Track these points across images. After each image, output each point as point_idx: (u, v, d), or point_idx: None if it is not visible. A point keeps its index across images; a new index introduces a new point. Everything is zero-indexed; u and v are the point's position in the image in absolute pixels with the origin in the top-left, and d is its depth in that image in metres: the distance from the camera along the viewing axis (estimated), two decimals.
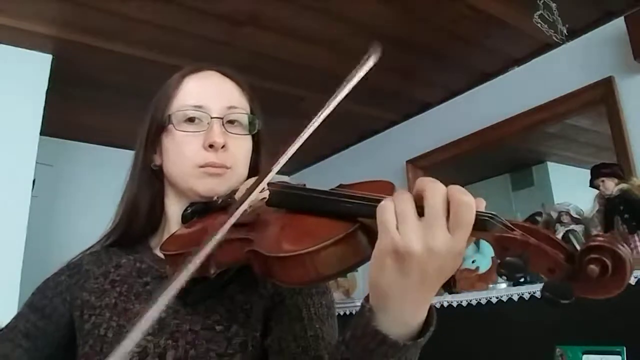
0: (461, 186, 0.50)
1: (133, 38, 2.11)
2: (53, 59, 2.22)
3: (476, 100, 2.65)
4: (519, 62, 2.46)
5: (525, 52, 2.39)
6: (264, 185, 0.60)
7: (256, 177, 0.60)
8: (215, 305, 0.73)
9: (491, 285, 2.12)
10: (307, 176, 3.62)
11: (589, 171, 1.94)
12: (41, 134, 2.20)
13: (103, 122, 2.75)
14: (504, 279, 1.94)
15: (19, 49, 2.16)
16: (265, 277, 0.59)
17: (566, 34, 2.22)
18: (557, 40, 2.26)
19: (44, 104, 2.21)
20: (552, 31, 2.19)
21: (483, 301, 2.08)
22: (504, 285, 2.05)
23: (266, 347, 0.72)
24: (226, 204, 0.74)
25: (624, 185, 1.81)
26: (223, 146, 0.76)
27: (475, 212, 0.48)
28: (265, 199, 0.67)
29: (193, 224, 0.77)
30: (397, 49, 2.28)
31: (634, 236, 1.76)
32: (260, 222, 0.64)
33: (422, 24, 2.14)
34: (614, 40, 2.08)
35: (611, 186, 1.84)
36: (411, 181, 2.84)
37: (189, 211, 0.78)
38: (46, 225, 2.65)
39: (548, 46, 2.32)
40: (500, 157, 2.86)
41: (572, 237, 0.48)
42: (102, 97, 2.54)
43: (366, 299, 0.55)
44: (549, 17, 2.09)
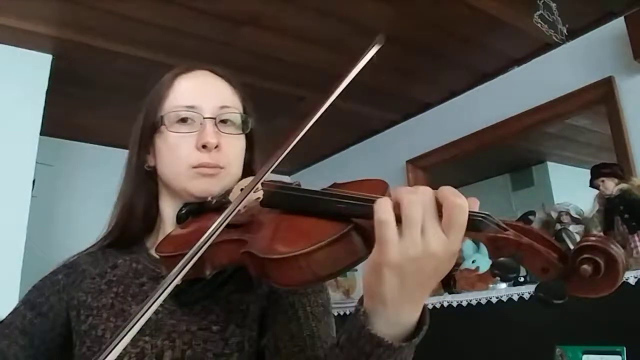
0: (462, 186, 0.50)
1: (133, 38, 2.11)
2: (53, 59, 2.22)
3: (476, 100, 2.65)
4: (519, 62, 2.46)
5: (525, 52, 2.39)
6: (257, 186, 0.60)
7: (252, 178, 0.60)
8: (212, 305, 0.73)
9: (491, 285, 2.12)
10: (307, 176, 3.62)
11: (589, 171, 1.94)
12: (41, 134, 2.20)
13: (103, 122, 2.75)
14: (498, 279, 1.94)
15: (19, 49, 2.16)
16: (261, 279, 0.59)
17: (566, 34, 2.22)
18: (557, 40, 2.26)
19: (44, 104, 2.21)
20: (552, 31, 2.19)
21: (483, 301, 2.07)
22: (504, 285, 2.05)
23: (262, 346, 0.72)
24: (220, 204, 0.74)
25: (624, 185, 1.81)
26: (216, 146, 0.75)
27: (467, 213, 0.48)
28: (259, 199, 0.66)
29: (188, 224, 0.77)
30: (397, 48, 2.28)
31: (634, 236, 1.76)
32: (255, 223, 0.64)
33: (422, 24, 2.14)
34: (614, 40, 2.08)
35: (611, 186, 1.84)
36: (411, 181, 2.84)
37: (183, 212, 0.78)
38: (46, 225, 2.65)
39: (548, 46, 2.32)
40: (500, 157, 2.86)
41: (565, 237, 0.48)
42: (102, 97, 2.54)
43: (360, 301, 0.55)
44: (549, 17, 2.09)
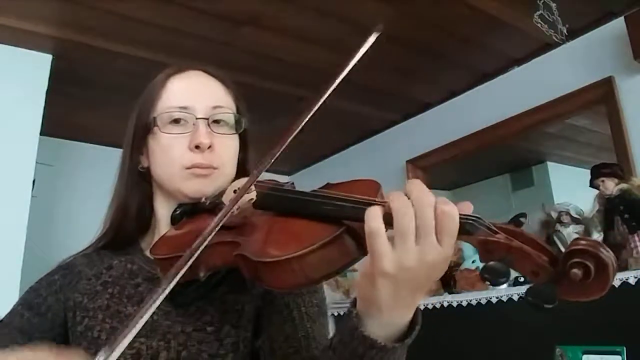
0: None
1: (133, 38, 2.11)
2: (53, 59, 2.22)
3: (476, 100, 2.65)
4: (519, 62, 2.46)
5: (525, 52, 2.39)
6: (251, 187, 0.60)
7: (246, 179, 0.60)
8: (206, 306, 0.73)
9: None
10: (307, 176, 3.62)
11: (589, 171, 1.94)
12: (41, 134, 2.20)
13: (103, 122, 2.75)
14: (488, 283, 1.94)
15: (19, 49, 2.16)
16: (254, 282, 0.58)
17: (566, 34, 2.22)
18: (557, 40, 2.26)
19: (44, 104, 2.21)
20: (552, 31, 2.19)
21: (483, 301, 2.07)
22: (504, 285, 2.05)
23: (257, 347, 0.72)
24: (214, 205, 0.74)
25: (624, 185, 1.81)
26: (209, 147, 0.75)
27: (458, 219, 0.48)
28: (251, 199, 0.66)
29: (182, 225, 0.77)
30: (397, 48, 2.27)
31: (634, 236, 1.75)
32: (248, 225, 0.63)
33: (422, 24, 2.14)
34: (614, 40, 2.08)
35: (611, 186, 1.84)
36: None
37: (177, 212, 0.78)
38: (46, 225, 2.65)
39: (548, 46, 2.32)
40: (500, 157, 2.86)
41: (556, 240, 0.49)
42: (102, 97, 2.53)
43: (353, 304, 0.55)
44: (549, 17, 2.09)
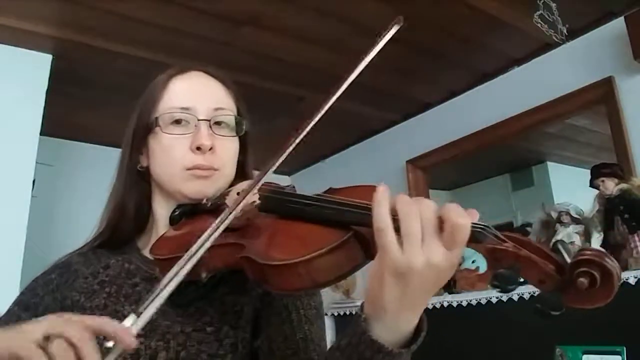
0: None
1: (133, 38, 2.11)
2: (53, 59, 2.22)
3: (476, 100, 2.65)
4: (519, 62, 2.46)
5: (525, 52, 2.39)
6: (256, 190, 0.60)
7: (250, 181, 0.60)
8: (205, 306, 0.73)
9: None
10: (307, 176, 3.62)
11: (589, 171, 1.94)
12: (41, 134, 2.20)
13: (103, 122, 2.75)
14: (498, 290, 1.95)
15: (19, 49, 2.16)
16: (259, 284, 0.59)
17: (566, 34, 2.22)
18: (557, 40, 2.26)
19: (44, 104, 2.21)
20: (552, 31, 2.19)
21: (483, 301, 2.08)
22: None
23: (256, 348, 0.72)
24: (215, 206, 0.74)
25: (624, 185, 1.81)
26: (210, 148, 0.76)
27: (470, 228, 0.49)
28: (255, 202, 0.66)
29: (181, 226, 0.77)
30: (397, 48, 2.27)
31: (634, 236, 1.75)
32: (252, 228, 0.64)
33: (422, 24, 2.14)
34: (614, 40, 2.08)
35: (611, 186, 1.84)
36: (411, 181, 2.84)
37: (176, 213, 0.78)
38: (46, 225, 2.65)
39: (548, 46, 2.32)
40: (500, 157, 2.86)
41: (561, 248, 0.51)
42: (102, 97, 2.53)
43: (361, 308, 0.56)
44: (549, 17, 2.09)
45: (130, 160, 0.82)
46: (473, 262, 2.17)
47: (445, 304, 2.20)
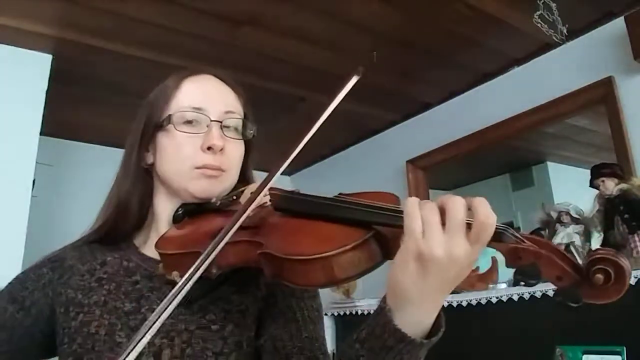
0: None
1: (133, 38, 2.11)
2: (53, 59, 2.22)
3: (476, 100, 2.65)
4: (519, 62, 2.46)
5: (525, 52, 2.39)
6: (267, 189, 0.62)
7: (260, 182, 0.62)
8: (209, 305, 0.74)
9: (491, 285, 2.12)
10: (307, 176, 3.62)
11: (589, 171, 1.94)
12: (41, 134, 2.20)
13: (103, 122, 2.75)
14: (522, 284, 1.95)
15: (19, 49, 2.16)
16: (275, 279, 0.60)
17: (566, 34, 2.22)
18: (557, 40, 2.26)
19: (44, 104, 2.21)
20: (552, 31, 2.19)
21: (483, 301, 2.08)
22: (504, 285, 2.05)
23: (258, 346, 0.73)
24: (225, 206, 0.76)
25: (624, 185, 1.81)
26: (221, 149, 0.77)
27: (494, 228, 0.52)
28: (265, 203, 0.68)
29: (184, 224, 0.78)
30: (397, 49, 2.27)
31: (634, 236, 1.75)
32: (267, 226, 0.65)
33: (422, 24, 2.14)
34: (614, 40, 2.08)
35: (611, 186, 1.84)
36: (411, 181, 2.84)
37: (180, 212, 0.79)
38: (46, 225, 2.65)
39: (548, 46, 2.32)
40: (500, 157, 2.86)
41: (572, 250, 0.54)
42: (102, 97, 2.54)
43: (383, 300, 0.57)
44: (549, 17, 2.09)
45: (138, 157, 0.83)
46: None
47: (446, 304, 2.19)
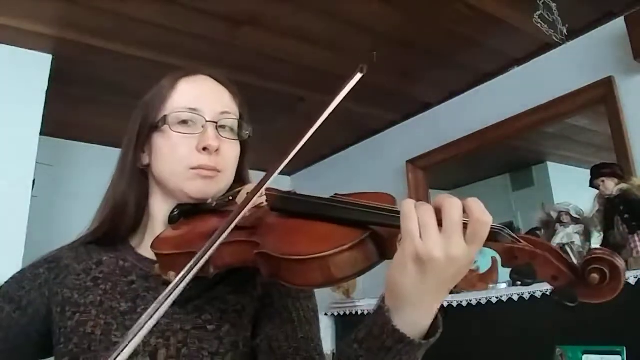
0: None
1: (133, 38, 2.11)
2: (53, 59, 2.22)
3: (476, 100, 2.65)
4: (519, 62, 2.46)
5: (525, 52, 2.39)
6: (262, 190, 0.62)
7: (256, 183, 0.62)
8: (204, 305, 0.74)
9: (491, 285, 2.12)
10: (307, 176, 3.62)
11: (589, 171, 1.94)
12: (41, 134, 2.20)
13: (103, 122, 2.75)
14: (518, 284, 1.95)
15: (19, 49, 2.16)
16: (272, 279, 0.60)
17: (566, 34, 2.22)
18: (557, 40, 2.26)
19: (44, 104, 2.21)
20: (552, 31, 2.19)
21: (483, 301, 2.07)
22: (504, 285, 2.05)
23: (254, 346, 0.73)
24: (221, 206, 0.76)
25: (624, 185, 1.81)
26: (217, 150, 0.77)
27: (490, 228, 0.53)
28: (262, 203, 0.68)
29: (180, 225, 0.78)
30: (397, 49, 2.27)
31: (634, 236, 1.75)
32: (264, 226, 0.65)
33: (422, 24, 2.14)
34: (614, 40, 2.08)
35: (611, 186, 1.84)
36: (411, 181, 2.84)
37: (176, 213, 0.79)
38: (46, 225, 2.65)
39: (548, 46, 2.32)
40: (500, 157, 2.86)
41: (569, 250, 0.54)
42: (102, 97, 2.54)
43: (382, 300, 0.57)
44: (549, 17, 2.09)
45: (134, 158, 0.83)
46: (475, 262, 2.17)
47: (446, 304, 2.19)
